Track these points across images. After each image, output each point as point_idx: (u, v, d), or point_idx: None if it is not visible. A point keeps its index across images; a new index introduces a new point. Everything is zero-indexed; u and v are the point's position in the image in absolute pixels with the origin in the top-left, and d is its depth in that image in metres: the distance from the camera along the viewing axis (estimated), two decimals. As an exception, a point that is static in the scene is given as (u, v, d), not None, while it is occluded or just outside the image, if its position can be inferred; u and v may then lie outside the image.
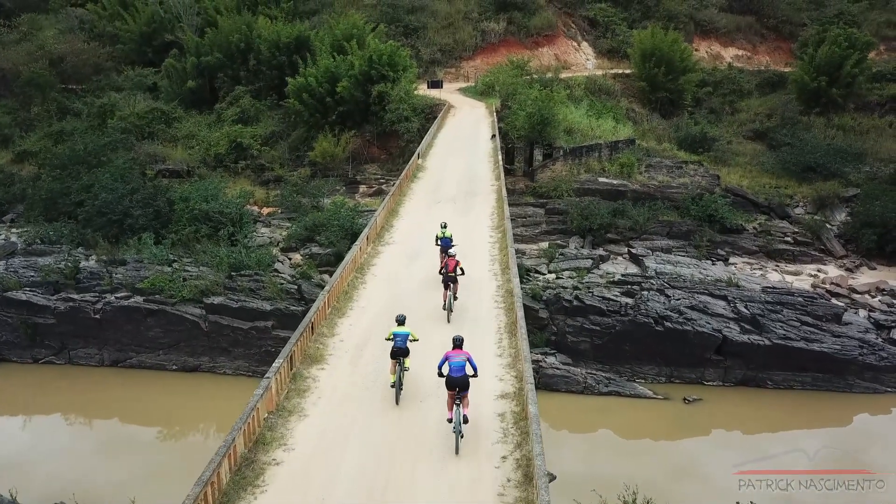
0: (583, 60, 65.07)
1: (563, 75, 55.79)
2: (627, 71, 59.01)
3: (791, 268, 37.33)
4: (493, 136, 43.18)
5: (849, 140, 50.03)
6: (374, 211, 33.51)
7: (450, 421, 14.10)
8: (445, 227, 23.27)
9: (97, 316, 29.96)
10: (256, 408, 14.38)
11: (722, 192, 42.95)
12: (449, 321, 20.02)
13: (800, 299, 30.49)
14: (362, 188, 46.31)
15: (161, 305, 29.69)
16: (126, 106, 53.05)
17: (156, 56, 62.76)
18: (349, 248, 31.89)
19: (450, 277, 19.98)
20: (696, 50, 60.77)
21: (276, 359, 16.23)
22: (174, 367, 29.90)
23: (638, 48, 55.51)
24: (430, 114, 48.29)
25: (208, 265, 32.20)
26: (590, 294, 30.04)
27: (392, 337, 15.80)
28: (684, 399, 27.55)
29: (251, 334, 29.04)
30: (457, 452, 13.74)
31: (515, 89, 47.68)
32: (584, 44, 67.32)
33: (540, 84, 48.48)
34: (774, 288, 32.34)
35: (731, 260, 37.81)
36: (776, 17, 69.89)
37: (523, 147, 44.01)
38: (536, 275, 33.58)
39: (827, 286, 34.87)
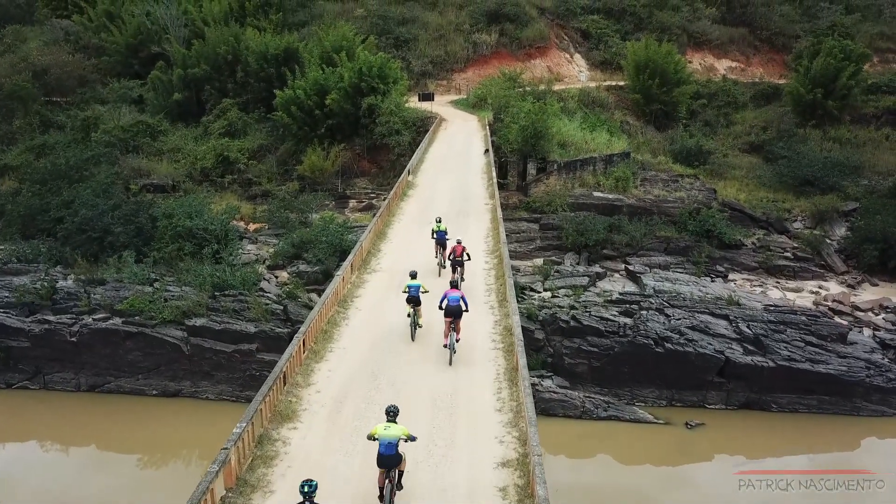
0: (575, 72, 64.43)
1: (556, 87, 55.06)
2: (621, 83, 58.32)
3: (792, 284, 36.45)
4: (487, 150, 42.10)
5: (845, 153, 49.41)
6: (365, 227, 32.36)
7: (445, 346, 18.04)
8: (440, 221, 25.15)
9: (74, 339, 28.70)
10: (210, 489, 11.82)
11: (719, 207, 42.10)
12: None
13: (803, 318, 29.54)
14: (352, 203, 45.26)
15: (140, 328, 28.46)
16: (110, 119, 51.87)
17: (142, 68, 61.61)
18: (337, 266, 31.01)
19: (457, 261, 22.44)
20: (690, 62, 60.22)
21: (239, 421, 13.50)
22: (154, 391, 28.65)
23: (632, 60, 54.84)
24: (422, 127, 47.34)
25: (191, 285, 30.99)
26: (587, 314, 29.00)
27: (407, 289, 19.26)
28: (686, 424, 26.51)
29: (235, 358, 27.85)
30: (450, 363, 17.87)
31: (508, 102, 46.84)
32: (577, 56, 66.70)
33: (533, 96, 47.64)
34: (776, 306, 31.42)
35: (731, 276, 36.90)
36: (769, 28, 69.54)
37: (516, 161, 43.10)
38: (531, 293, 32.54)
39: (829, 303, 33.98)
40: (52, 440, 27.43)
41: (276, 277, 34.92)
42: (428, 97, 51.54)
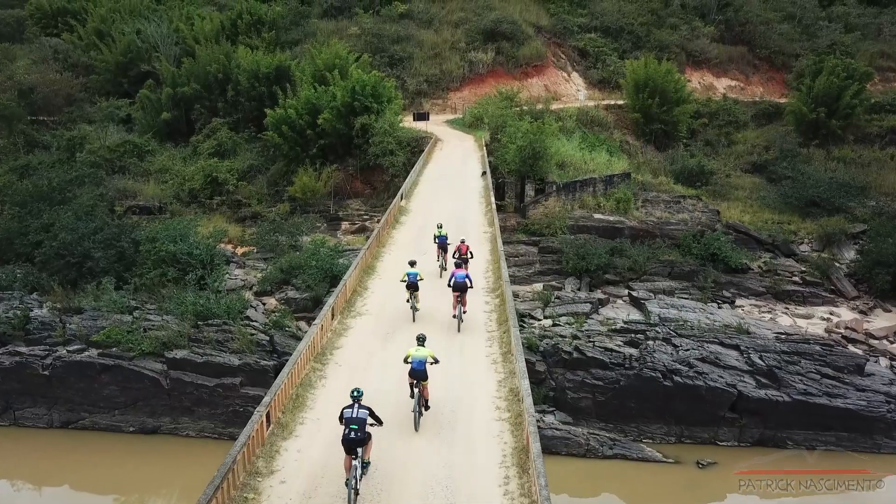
0: (573, 91, 63.39)
1: (554, 107, 53.92)
2: (620, 102, 57.27)
3: (801, 310, 35.00)
4: (484, 172, 40.58)
5: (850, 173, 48.35)
6: (357, 250, 30.77)
7: (454, 317, 20.60)
8: (441, 227, 26.06)
9: (46, 372, 26.94)
10: None
11: (723, 229, 40.85)
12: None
13: (817, 348, 28.06)
14: (344, 225, 43.83)
15: (117, 360, 26.76)
16: (97, 138, 50.52)
17: (132, 87, 60.56)
18: (328, 293, 29.46)
19: (463, 259, 23.34)
20: (689, 81, 59.22)
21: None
22: (131, 428, 26.89)
23: (631, 79, 53.82)
24: (417, 147, 46.03)
25: (173, 314, 29.39)
26: (590, 344, 27.45)
27: (406, 277, 20.98)
28: (697, 463, 24.86)
29: (217, 392, 26.15)
30: (459, 330, 20.46)
31: (505, 121, 45.57)
32: (575, 74, 65.71)
33: (530, 116, 46.45)
34: (789, 335, 29.97)
35: (738, 302, 35.49)
36: (768, 47, 68.72)
37: (514, 182, 41.81)
38: (531, 320, 31.03)
39: (842, 331, 32.54)
40: (23, 479, 25.66)
41: (264, 304, 33.36)
42: (423, 117, 50.27)
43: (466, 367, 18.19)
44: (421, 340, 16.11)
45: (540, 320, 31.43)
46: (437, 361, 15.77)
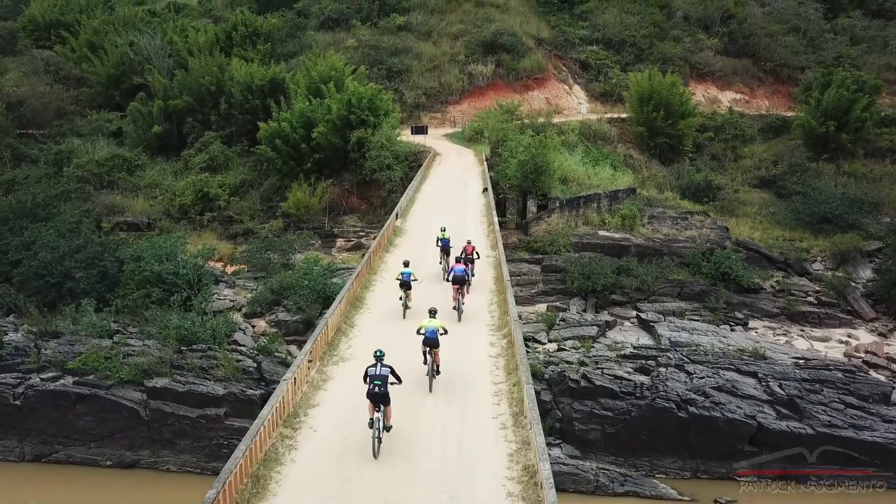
0: (575, 104, 61.96)
1: (556, 120, 52.46)
2: (623, 115, 55.79)
3: (818, 332, 33.37)
4: (486, 189, 38.62)
5: (861, 188, 46.75)
6: (352, 269, 28.90)
7: (454, 309, 21.34)
8: (445, 230, 26.34)
9: (17, 402, 25.36)
10: None
11: (733, 247, 39.25)
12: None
13: (839, 375, 26.42)
14: (340, 242, 42.23)
15: (93, 389, 25.15)
16: (85, 152, 49.01)
17: (123, 100, 59.14)
18: (320, 315, 27.70)
19: (468, 259, 23.87)
20: (693, 94, 57.59)
21: None
22: (108, 462, 25.21)
23: (634, 91, 52.39)
24: (415, 161, 44.47)
25: (156, 337, 27.75)
26: (599, 371, 25.82)
27: (400, 276, 21.68)
28: (715, 501, 23.16)
29: (200, 424, 24.51)
30: (459, 320, 20.98)
31: (506, 135, 44.10)
32: (576, 87, 64.32)
33: (532, 129, 44.95)
34: (807, 360, 28.34)
35: (751, 324, 33.85)
36: (773, 60, 67.35)
37: (515, 198, 40.21)
38: (535, 344, 29.42)
39: (861, 355, 30.86)
40: (-9, 517, 24.00)
41: (253, 327, 31.72)
42: (421, 130, 48.76)
43: (463, 436, 15.15)
44: (433, 313, 17.77)
45: (544, 344, 29.86)
46: (446, 332, 17.37)
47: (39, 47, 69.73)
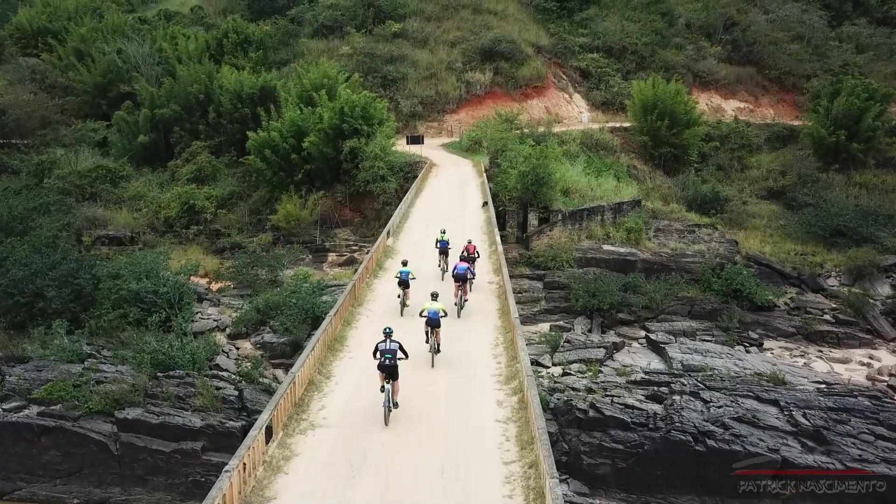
0: (575, 113, 60.31)
1: (556, 129, 50.77)
2: (625, 124, 54.14)
3: (837, 353, 31.59)
4: (485, 203, 36.41)
5: (874, 199, 45.13)
6: (343, 286, 26.69)
7: (455, 304, 21.57)
8: (444, 232, 26.21)
9: (-23, 435, 23.26)
10: None
11: (744, 262, 37.47)
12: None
13: (867, 403, 24.46)
14: (331, 256, 40.29)
15: (59, 421, 23.11)
16: (67, 163, 47.11)
17: (110, 109, 57.22)
18: (308, 336, 25.74)
19: (469, 258, 23.74)
20: (697, 102, 56.10)
21: None
22: (76, 500, 23.06)
23: (638, 100, 50.73)
24: (410, 172, 42.65)
25: (130, 362, 25.74)
26: (608, 400, 23.87)
27: (399, 274, 22.07)
28: (737, 543, 21.24)
29: (175, 459, 22.47)
30: (458, 316, 21.42)
31: (505, 145, 42.32)
32: (577, 96, 62.71)
33: (532, 139, 43.16)
34: (830, 385, 26.37)
35: (766, 344, 32.03)
36: (778, 68, 65.88)
37: (515, 210, 38.36)
38: (538, 368, 27.46)
39: (886, 378, 29.07)
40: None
41: (237, 349, 29.72)
42: (416, 140, 46.90)
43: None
44: (434, 296, 19.08)
45: (548, 368, 27.96)
46: (446, 314, 18.73)
47: (26, 55, 67.86)
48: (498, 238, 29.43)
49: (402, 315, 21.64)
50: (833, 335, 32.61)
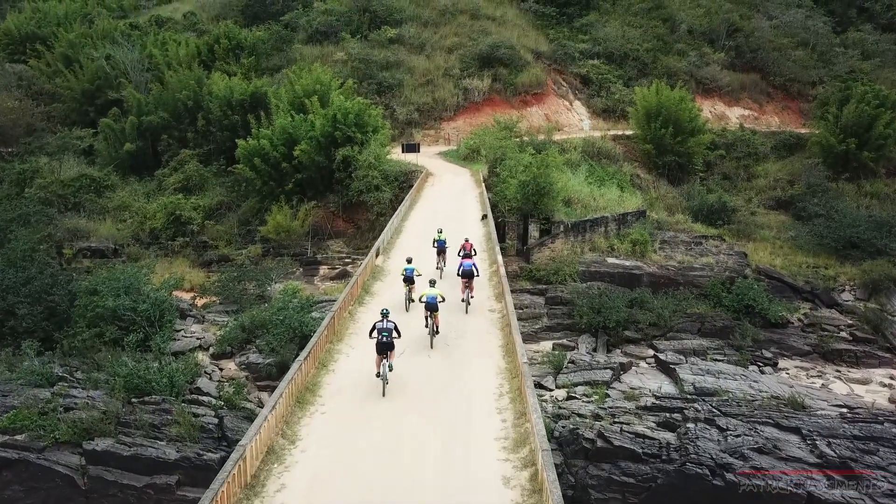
0: (576, 121, 58.77)
1: (557, 137, 49.19)
2: (628, 132, 52.60)
3: (856, 373, 29.88)
4: (485, 216, 34.28)
5: (886, 209, 43.61)
6: (333, 301, 24.70)
7: (462, 301, 22.37)
8: (441, 231, 26.28)
9: (-67, 468, 21.46)
10: None
11: (755, 275, 35.79)
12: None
13: (895, 430, 22.77)
14: (323, 269, 38.63)
15: (22, 453, 21.30)
16: (50, 172, 45.39)
17: (98, 116, 55.45)
18: (296, 357, 23.94)
19: (467, 255, 23.43)
20: (700, 109, 54.61)
21: None
22: (40, 538, 21.30)
23: (641, 107, 49.21)
24: (405, 182, 40.98)
25: (103, 387, 23.97)
26: (617, 428, 22.13)
27: (404, 272, 22.32)
28: (760, 588, 19.50)
29: (147, 495, 20.67)
30: (466, 312, 22.09)
31: (504, 153, 40.68)
32: (577, 103, 61.16)
33: (532, 147, 41.54)
34: (852, 409, 24.72)
35: (780, 364, 30.34)
36: (782, 75, 64.39)
37: (515, 221, 36.69)
38: (541, 391, 25.73)
39: (909, 400, 27.32)
40: None
41: (221, 370, 27.95)
42: (412, 148, 45.24)
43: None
44: (432, 283, 20.33)
45: (552, 390, 26.22)
46: (444, 300, 19.78)
47: (14, 61, 66.20)
48: (500, 258, 26.73)
49: (407, 310, 21.95)
50: (851, 354, 30.92)
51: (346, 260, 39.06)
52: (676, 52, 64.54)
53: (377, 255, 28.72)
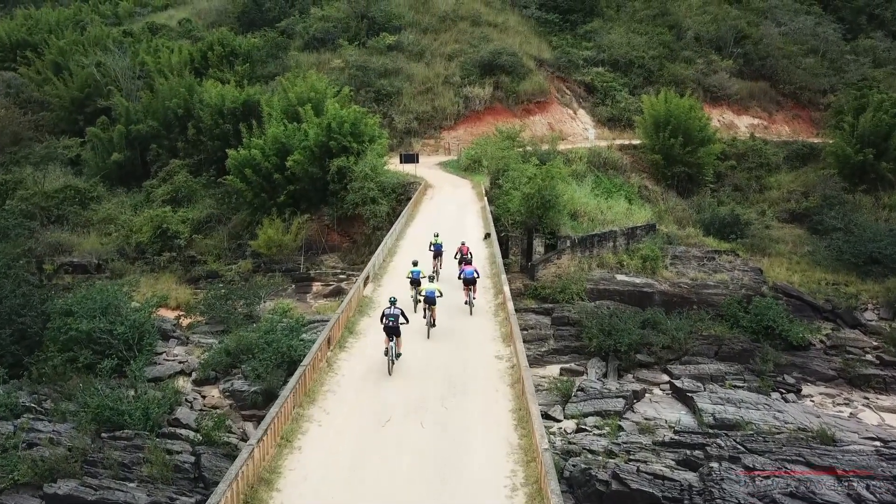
0: (580, 130, 56.91)
1: (561, 147, 47.30)
2: (635, 142, 50.75)
3: (885, 400, 27.90)
4: (488, 234, 31.56)
5: (906, 223, 41.57)
6: (326, 322, 22.38)
7: (466, 303, 22.50)
8: (438, 235, 26.06)
9: None
10: None
11: (772, 293, 33.81)
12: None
13: (937, 470, 20.76)
14: (316, 286, 36.71)
15: (-23, 496, 19.30)
16: (34, 183, 43.56)
17: (87, 124, 53.66)
18: (283, 384, 21.98)
19: (464, 259, 23.74)
20: (709, 118, 52.83)
21: None
22: (-5, 592, 19.27)
23: (649, 115, 47.39)
24: (403, 194, 39.06)
25: (71, 419, 21.98)
26: (633, 468, 20.10)
27: (410, 274, 22.85)
28: None
29: (113, 544, 18.63)
30: (471, 314, 22.09)
31: (507, 164, 38.78)
32: (581, 111, 59.39)
33: (536, 157, 39.68)
34: (888, 444, 22.70)
35: (804, 390, 28.31)
36: (792, 83, 62.67)
37: (519, 236, 34.77)
38: (549, 422, 23.76)
39: (945, 432, 25.25)
40: None
41: (203, 398, 25.98)
42: (411, 158, 43.34)
43: None
44: (431, 279, 21.97)
45: (560, 421, 24.23)
46: (442, 294, 20.49)
47: (3, 69, 64.55)
48: (507, 288, 22.89)
49: (415, 311, 21.58)
50: (879, 379, 28.93)
51: (341, 276, 37.15)
52: (683, 59, 62.88)
53: (365, 284, 24.95)
